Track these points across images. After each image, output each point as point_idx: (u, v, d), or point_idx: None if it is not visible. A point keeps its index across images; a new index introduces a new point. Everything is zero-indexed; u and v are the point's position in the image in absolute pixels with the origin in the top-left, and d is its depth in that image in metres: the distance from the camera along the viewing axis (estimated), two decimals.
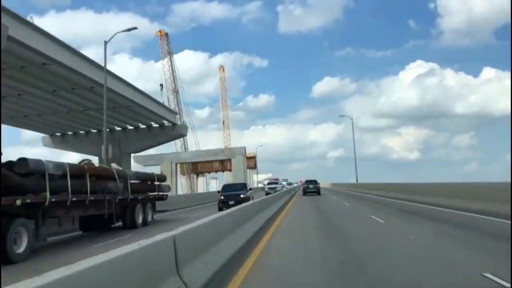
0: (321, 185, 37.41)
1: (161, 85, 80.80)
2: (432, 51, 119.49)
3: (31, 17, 24.58)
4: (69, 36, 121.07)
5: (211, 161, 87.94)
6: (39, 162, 9.68)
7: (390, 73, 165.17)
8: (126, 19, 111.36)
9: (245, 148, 67.66)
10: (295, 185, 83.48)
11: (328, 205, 23.94)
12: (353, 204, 23.31)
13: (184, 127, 53.39)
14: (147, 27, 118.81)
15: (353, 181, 56.95)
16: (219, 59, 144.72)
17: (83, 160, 13.57)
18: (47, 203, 9.37)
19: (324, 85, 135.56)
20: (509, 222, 10.04)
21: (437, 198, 17.02)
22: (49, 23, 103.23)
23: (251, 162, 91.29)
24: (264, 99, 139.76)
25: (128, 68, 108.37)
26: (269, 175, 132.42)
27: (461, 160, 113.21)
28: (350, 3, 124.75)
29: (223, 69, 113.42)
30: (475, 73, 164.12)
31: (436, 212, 14.37)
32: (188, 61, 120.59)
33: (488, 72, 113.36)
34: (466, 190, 15.79)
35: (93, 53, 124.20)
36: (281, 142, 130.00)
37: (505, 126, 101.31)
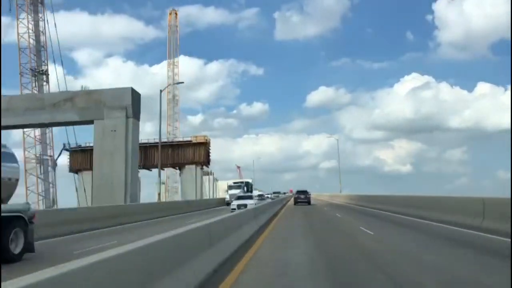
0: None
1: None
2: (429, 64, 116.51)
3: None
4: (63, 37, 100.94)
5: None
6: None
7: (385, 85, 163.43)
8: (121, 22, 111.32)
9: (133, 91, 25.99)
10: (268, 197, 46.00)
11: None
12: None
13: None
14: (141, 30, 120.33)
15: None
16: (214, 65, 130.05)
17: None
18: None
19: (319, 95, 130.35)
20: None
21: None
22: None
23: (199, 153, 51.15)
24: (258, 107, 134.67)
25: (122, 72, 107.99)
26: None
27: (452, 175, 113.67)
28: (348, 13, 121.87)
29: (176, 14, 75.15)
30: (470, 88, 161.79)
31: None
32: (183, 66, 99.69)
33: (482, 87, 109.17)
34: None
35: (86, 55, 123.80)
36: (274, 152, 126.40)
37: (498, 142, 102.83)
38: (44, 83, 37.46)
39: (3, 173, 8.00)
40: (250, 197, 29.10)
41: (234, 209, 22.70)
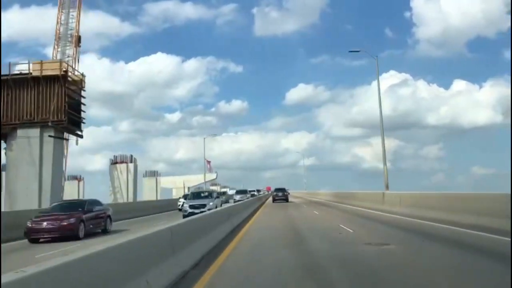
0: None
1: None
2: (406, 61, 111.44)
3: None
4: (35, 33, 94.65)
5: None
6: None
7: (364, 83, 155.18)
8: (95, 18, 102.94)
9: None
10: None
11: None
12: None
13: None
14: (117, 27, 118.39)
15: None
16: (192, 63, 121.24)
17: None
18: None
19: (298, 92, 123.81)
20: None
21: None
22: (11, 17, 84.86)
23: (50, 101, 22.32)
24: (237, 105, 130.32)
25: (96, 68, 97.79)
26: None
27: (429, 171, 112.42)
28: (327, 9, 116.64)
29: None
30: (446, 85, 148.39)
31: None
32: (160, 64, 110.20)
33: (458, 85, 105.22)
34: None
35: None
36: (254, 150, 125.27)
37: (473, 139, 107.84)
38: None
39: None
40: None
41: None
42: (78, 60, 37.36)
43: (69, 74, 23.81)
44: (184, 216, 17.62)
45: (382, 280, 5.22)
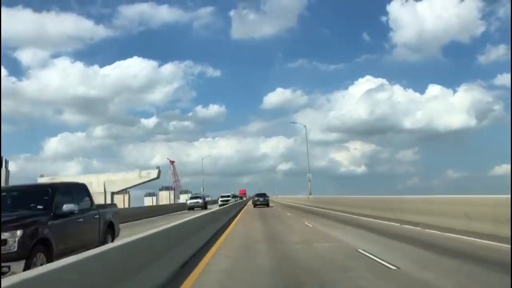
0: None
1: None
2: (383, 66, 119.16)
3: None
4: (4, 35, 57.80)
5: None
6: None
7: (341, 87, 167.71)
8: (68, 20, 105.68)
9: None
10: None
11: None
12: None
13: None
14: (91, 30, 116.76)
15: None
16: (169, 67, 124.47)
17: None
18: None
19: (276, 97, 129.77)
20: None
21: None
22: None
23: None
24: (214, 110, 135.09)
25: (70, 73, 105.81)
26: None
27: (404, 175, 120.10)
28: (305, 12, 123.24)
29: None
30: (422, 90, 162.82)
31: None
32: (136, 68, 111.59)
33: (433, 89, 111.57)
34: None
35: (31, 55, 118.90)
36: (232, 155, 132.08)
37: (447, 142, 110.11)
38: None
39: None
40: None
41: None
42: None
43: None
44: None
45: None
